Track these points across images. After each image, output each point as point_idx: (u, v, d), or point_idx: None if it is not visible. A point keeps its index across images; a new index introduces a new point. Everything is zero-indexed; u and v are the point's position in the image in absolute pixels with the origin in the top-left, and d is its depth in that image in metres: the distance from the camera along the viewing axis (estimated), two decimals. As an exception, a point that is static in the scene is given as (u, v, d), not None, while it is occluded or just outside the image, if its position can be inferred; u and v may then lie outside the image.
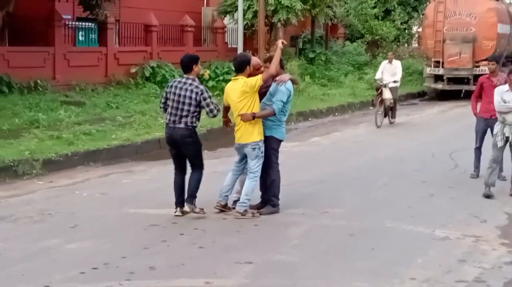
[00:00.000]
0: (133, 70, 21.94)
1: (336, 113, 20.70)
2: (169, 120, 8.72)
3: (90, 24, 21.76)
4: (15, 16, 18.78)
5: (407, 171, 11.90)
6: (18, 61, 18.59)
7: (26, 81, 18.17)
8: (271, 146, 8.81)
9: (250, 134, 8.60)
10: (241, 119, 8.56)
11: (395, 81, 17.77)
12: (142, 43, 23.50)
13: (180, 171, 8.89)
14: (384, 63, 18.73)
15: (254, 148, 8.59)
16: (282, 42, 8.94)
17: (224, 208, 8.76)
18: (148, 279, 6.42)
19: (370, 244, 7.69)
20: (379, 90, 17.77)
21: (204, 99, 8.54)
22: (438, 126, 18.54)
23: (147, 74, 21.96)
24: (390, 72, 18.08)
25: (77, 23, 21.73)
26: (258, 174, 8.71)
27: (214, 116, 8.76)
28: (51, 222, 8.42)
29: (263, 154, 8.69)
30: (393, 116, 18.09)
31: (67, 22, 20.96)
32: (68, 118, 14.88)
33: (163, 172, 11.57)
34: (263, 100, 8.76)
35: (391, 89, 17.56)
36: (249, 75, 8.69)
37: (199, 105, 8.56)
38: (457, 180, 11.26)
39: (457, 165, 12.35)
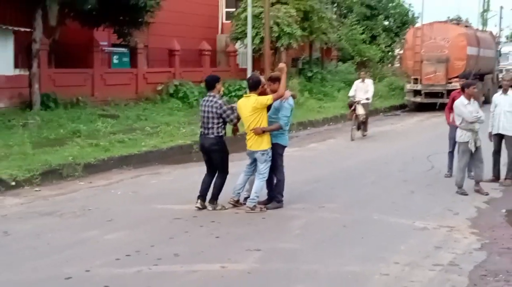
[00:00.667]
0: (159, 88, 22.04)
1: (331, 123, 20.68)
2: (201, 132, 8.87)
3: (123, 49, 21.86)
4: (60, 43, 18.92)
5: (391, 171, 11.88)
6: (63, 81, 18.70)
7: (69, 98, 18.27)
8: (277, 151, 8.84)
9: (260, 143, 8.63)
10: (254, 133, 8.60)
11: (367, 99, 16.85)
12: (166, 65, 23.63)
13: (210, 172, 8.94)
14: (357, 82, 17.61)
15: (263, 154, 8.64)
16: (284, 63, 8.97)
17: (236, 203, 8.78)
18: (173, 264, 6.43)
19: (360, 234, 7.71)
20: (353, 107, 16.76)
21: (224, 111, 8.63)
22: (417, 134, 18.51)
23: (171, 91, 22.04)
24: (362, 90, 17.08)
25: (112, 48, 21.85)
26: (266, 175, 8.74)
27: (233, 123, 8.84)
28: (91, 216, 8.44)
29: (270, 159, 8.72)
30: (365, 129, 17.18)
31: (103, 48, 21.11)
32: (104, 129, 14.95)
33: (185, 173, 11.62)
34: (269, 114, 8.76)
35: (363, 105, 16.69)
36: (259, 93, 8.74)
37: (221, 117, 8.64)
38: (434, 179, 11.24)
39: (433, 166, 12.31)
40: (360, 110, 16.62)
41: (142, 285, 5.85)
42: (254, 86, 8.78)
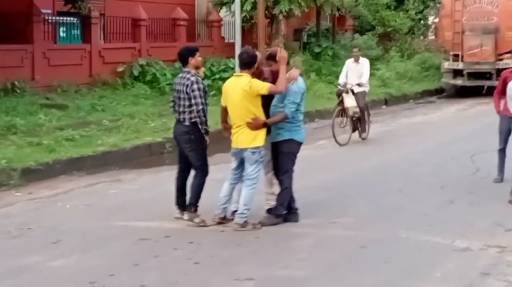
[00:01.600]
0: (120, 69, 21.98)
1: (345, 114, 20.74)
2: (176, 117, 9.06)
3: (72, 19, 21.81)
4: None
5: (422, 175, 11.92)
6: (-6, 60, 18.63)
7: (2, 83, 18.19)
8: (290, 149, 8.83)
9: (252, 139, 8.57)
10: (249, 127, 8.52)
11: (359, 85, 15.48)
12: (130, 39, 23.54)
13: (181, 169, 9.07)
14: (349, 62, 16.47)
15: (254, 152, 8.58)
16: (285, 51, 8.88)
17: (223, 220, 8.77)
18: (139, 298, 6.45)
19: (383, 256, 7.70)
20: (340, 97, 15.55)
21: (192, 91, 8.68)
22: (457, 126, 18.56)
23: (136, 73, 22.00)
24: (356, 73, 15.86)
25: (58, 18, 21.77)
26: (257, 180, 8.70)
27: (197, 112, 8.71)
28: (32, 237, 8.42)
29: (262, 159, 8.72)
30: (363, 130, 15.85)
31: (46, 17, 20.98)
32: (49, 123, 14.92)
33: (154, 180, 11.62)
34: (274, 101, 8.77)
35: (356, 95, 15.41)
36: (253, 74, 8.72)
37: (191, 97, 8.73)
38: (479, 184, 11.26)
39: (478, 169, 12.36)
40: (349, 102, 15.37)
41: (98, 326, 5.86)
42: (248, 63, 8.72)
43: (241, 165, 8.78)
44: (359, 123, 15.73)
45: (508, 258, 7.65)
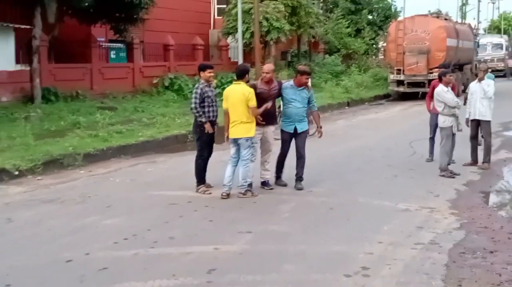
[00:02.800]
0: (155, 81, 22.01)
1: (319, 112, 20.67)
2: None
3: (120, 44, 21.77)
4: (59, 39, 18.81)
5: (375, 157, 11.91)
6: (62, 75, 18.62)
7: (69, 92, 18.21)
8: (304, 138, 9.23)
9: (246, 131, 8.53)
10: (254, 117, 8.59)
11: None
12: (162, 60, 23.53)
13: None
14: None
15: (247, 140, 8.55)
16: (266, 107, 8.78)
17: (228, 197, 8.56)
18: (168, 247, 6.43)
19: (346, 216, 7.72)
20: None
21: (191, 94, 9.00)
22: (400, 122, 18.54)
23: (166, 84, 22.02)
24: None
25: (109, 44, 21.73)
26: (249, 161, 8.62)
27: (190, 109, 8.98)
28: (91, 203, 8.43)
29: (253, 145, 8.72)
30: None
31: (101, 44, 20.99)
32: (103, 120, 14.85)
33: (180, 161, 11.60)
34: (298, 104, 8.98)
35: None
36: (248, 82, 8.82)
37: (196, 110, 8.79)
38: (416, 163, 11.26)
39: (415, 152, 12.35)
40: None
41: (139, 266, 5.84)
42: (241, 74, 8.78)
43: (237, 151, 8.71)
44: None
45: (436, 216, 7.69)
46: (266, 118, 8.87)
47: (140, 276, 5.54)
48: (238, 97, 8.52)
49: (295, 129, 9.08)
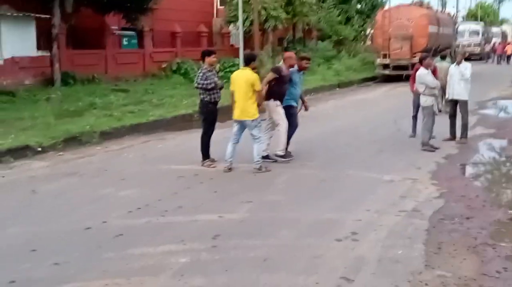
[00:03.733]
0: (163, 65, 21.80)
1: (312, 93, 20.53)
2: None
3: (131, 32, 21.58)
4: (76, 27, 18.66)
5: (362, 134, 11.88)
6: (80, 60, 18.50)
7: (86, 75, 18.08)
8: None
9: (251, 114, 8.43)
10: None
11: None
12: (169, 46, 23.31)
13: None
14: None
15: (252, 121, 8.48)
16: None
17: (230, 170, 8.54)
18: (177, 215, 6.46)
19: (336, 187, 7.73)
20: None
21: (197, 83, 8.79)
22: (386, 101, 18.45)
23: (174, 68, 21.79)
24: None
25: (122, 31, 21.55)
26: (262, 138, 8.60)
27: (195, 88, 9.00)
28: (107, 176, 8.44)
29: (260, 123, 8.63)
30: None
31: (114, 31, 20.81)
32: (117, 101, 14.86)
33: (186, 138, 11.59)
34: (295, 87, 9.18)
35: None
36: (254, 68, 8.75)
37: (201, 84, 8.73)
38: (399, 139, 11.23)
39: (399, 129, 12.31)
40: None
41: (151, 233, 5.87)
42: (247, 61, 8.71)
43: (239, 130, 8.66)
44: None
45: (418, 186, 7.70)
46: (270, 96, 8.93)
47: (152, 242, 5.57)
48: (242, 81, 8.46)
49: (292, 105, 9.32)
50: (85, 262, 5.13)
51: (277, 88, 8.91)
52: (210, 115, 8.84)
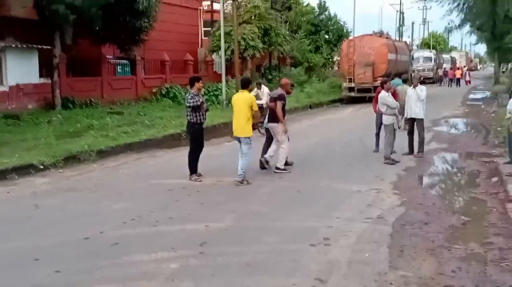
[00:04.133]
0: (154, 90, 21.77)
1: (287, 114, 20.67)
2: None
3: (125, 61, 21.50)
4: (75, 57, 18.53)
5: (333, 150, 11.94)
6: (78, 87, 18.39)
7: (84, 100, 17.99)
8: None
9: (246, 132, 8.51)
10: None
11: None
12: (159, 73, 23.26)
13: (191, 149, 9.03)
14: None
15: (245, 138, 8.53)
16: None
17: (242, 183, 8.46)
18: (168, 225, 6.38)
19: (310, 198, 7.73)
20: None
21: (188, 102, 8.73)
22: (352, 120, 18.61)
23: (163, 92, 21.83)
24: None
25: (116, 60, 21.45)
26: (249, 155, 8.58)
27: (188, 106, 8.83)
28: (103, 191, 8.32)
29: (251, 142, 8.63)
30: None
31: (109, 60, 20.71)
32: (112, 123, 14.73)
33: (175, 155, 11.51)
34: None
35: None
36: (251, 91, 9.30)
37: (190, 107, 8.70)
38: (365, 154, 11.32)
39: (364, 145, 12.40)
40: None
41: (144, 242, 5.79)
42: (244, 85, 8.84)
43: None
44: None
45: (381, 196, 7.74)
46: (273, 118, 9.30)
47: (145, 250, 5.49)
48: (241, 102, 8.55)
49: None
50: (84, 269, 5.03)
51: (283, 111, 9.30)
52: (197, 134, 8.84)
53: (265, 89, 14.27)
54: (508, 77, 39.91)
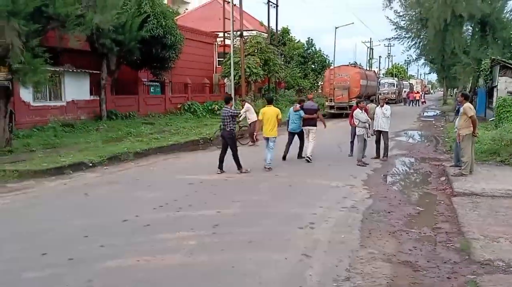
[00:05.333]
0: (179, 106, 21.72)
1: (281, 126, 20.55)
2: (222, 127, 9.14)
3: (156, 83, 21.52)
4: (118, 79, 18.57)
5: (316, 154, 11.74)
6: (120, 102, 18.33)
7: (125, 113, 17.94)
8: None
9: (274, 133, 9.35)
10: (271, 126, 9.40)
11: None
12: (183, 92, 23.24)
13: (223, 150, 9.07)
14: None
15: (273, 137, 9.32)
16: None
17: (269, 169, 9.14)
18: (188, 211, 6.37)
19: (299, 190, 7.71)
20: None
21: (231, 112, 8.91)
22: (332, 131, 18.44)
23: (186, 108, 21.71)
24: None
25: (150, 82, 21.47)
26: (273, 150, 9.35)
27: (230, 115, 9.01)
28: (138, 184, 8.30)
29: (275, 141, 9.41)
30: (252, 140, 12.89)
31: (144, 83, 20.73)
32: (145, 131, 14.72)
33: (195, 157, 11.52)
34: (296, 119, 10.50)
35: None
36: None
37: (231, 116, 8.90)
38: (342, 158, 11.27)
39: (341, 150, 12.38)
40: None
41: (170, 223, 5.79)
42: (270, 101, 9.72)
43: (268, 143, 9.38)
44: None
45: (354, 190, 7.72)
46: (309, 122, 10.52)
47: (170, 230, 5.50)
48: (271, 114, 9.30)
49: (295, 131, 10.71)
50: (123, 244, 5.04)
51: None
52: (235, 138, 9.13)
53: (250, 107, 13.33)
54: (453, 99, 40.00)
